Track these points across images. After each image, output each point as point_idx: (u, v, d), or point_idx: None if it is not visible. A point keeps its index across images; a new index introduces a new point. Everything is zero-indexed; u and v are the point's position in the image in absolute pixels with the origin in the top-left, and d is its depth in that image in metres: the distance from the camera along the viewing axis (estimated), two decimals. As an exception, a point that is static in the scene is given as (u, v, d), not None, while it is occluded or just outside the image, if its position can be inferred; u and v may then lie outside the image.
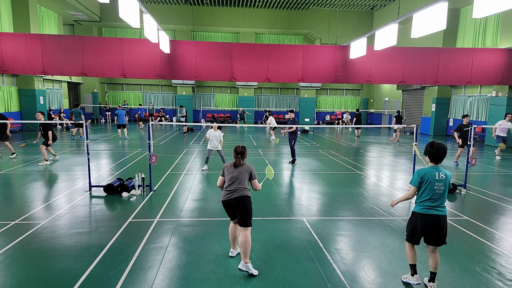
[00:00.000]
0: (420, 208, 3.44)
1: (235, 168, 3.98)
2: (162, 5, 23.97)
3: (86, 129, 6.79)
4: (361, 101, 29.56)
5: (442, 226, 3.41)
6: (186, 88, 27.35)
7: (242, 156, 4.03)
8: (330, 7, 24.63)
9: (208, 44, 15.30)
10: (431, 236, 3.44)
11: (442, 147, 3.42)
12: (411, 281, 3.58)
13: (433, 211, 3.39)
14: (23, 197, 6.59)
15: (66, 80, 23.43)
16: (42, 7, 19.42)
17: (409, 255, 3.60)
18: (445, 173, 3.43)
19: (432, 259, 3.51)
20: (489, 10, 6.43)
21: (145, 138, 16.07)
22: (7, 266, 3.87)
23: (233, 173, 3.96)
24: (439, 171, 3.42)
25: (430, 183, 3.38)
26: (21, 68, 13.33)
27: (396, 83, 15.49)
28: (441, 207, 3.41)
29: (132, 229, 5.00)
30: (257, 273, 3.74)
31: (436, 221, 3.38)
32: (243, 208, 3.87)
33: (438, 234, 3.42)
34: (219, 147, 9.11)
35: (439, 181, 3.38)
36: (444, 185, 3.39)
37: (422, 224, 3.42)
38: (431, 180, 3.38)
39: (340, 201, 6.62)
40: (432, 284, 3.50)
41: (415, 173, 3.50)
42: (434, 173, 3.40)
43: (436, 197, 3.38)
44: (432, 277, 3.52)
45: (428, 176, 3.40)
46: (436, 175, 3.39)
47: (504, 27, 15.35)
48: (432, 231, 3.41)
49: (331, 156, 11.73)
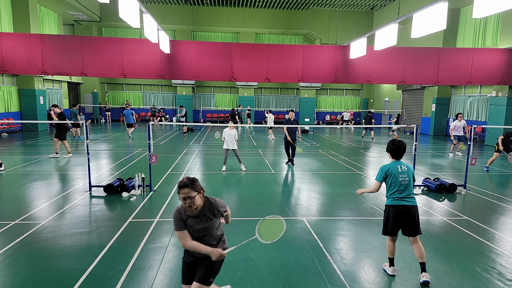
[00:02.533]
0: (390, 201, 3.72)
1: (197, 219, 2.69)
2: (162, 5, 23.97)
3: (86, 129, 6.79)
4: (361, 101, 29.56)
5: (413, 216, 3.64)
6: (186, 88, 27.35)
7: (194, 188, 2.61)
8: (330, 7, 24.63)
9: (208, 44, 15.31)
10: (404, 226, 3.67)
11: (402, 145, 3.76)
12: (388, 271, 3.83)
13: (402, 202, 3.65)
14: (23, 197, 6.59)
15: (66, 80, 23.42)
16: (42, 7, 19.41)
17: (388, 249, 3.83)
18: (406, 165, 3.75)
19: (415, 249, 3.68)
20: (489, 10, 6.42)
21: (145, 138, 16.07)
22: (7, 266, 3.87)
23: (198, 227, 2.69)
24: (401, 164, 3.75)
25: (393, 176, 3.69)
26: (21, 68, 13.33)
27: (396, 83, 15.49)
28: (409, 197, 3.68)
29: (132, 229, 5.00)
30: None
31: (405, 211, 3.63)
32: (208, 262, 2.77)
33: (410, 223, 3.65)
34: (235, 146, 8.90)
35: (402, 172, 3.70)
36: (408, 176, 3.70)
37: (393, 215, 3.66)
38: (394, 173, 3.69)
39: (340, 201, 6.62)
40: (425, 274, 3.60)
41: (379, 169, 3.81)
42: (396, 167, 3.73)
43: (402, 188, 3.67)
44: (422, 267, 3.64)
45: (391, 170, 3.72)
46: (398, 168, 3.71)
47: (504, 27, 15.35)
48: (404, 221, 3.66)
49: (331, 156, 11.73)
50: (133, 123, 16.74)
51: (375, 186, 3.80)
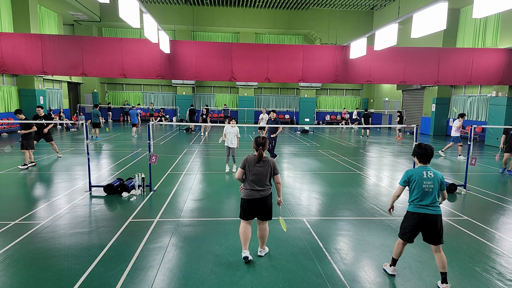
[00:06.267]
0: (412, 207, 3.55)
1: (258, 164, 3.86)
2: (162, 5, 23.97)
3: (86, 129, 6.79)
4: (361, 101, 29.56)
5: (435, 225, 3.44)
6: (186, 88, 27.35)
7: (264, 147, 3.90)
8: (330, 7, 24.63)
9: (208, 44, 15.30)
10: (426, 234, 3.52)
11: (430, 148, 3.55)
12: (388, 270, 3.79)
13: (424, 210, 3.46)
14: (23, 197, 6.59)
15: (66, 80, 23.43)
16: (42, 7, 19.42)
17: (396, 249, 3.74)
18: (433, 171, 3.52)
19: (437, 259, 3.52)
20: (489, 10, 6.42)
21: (145, 138, 16.07)
22: (7, 266, 3.87)
23: (257, 170, 3.85)
24: (427, 170, 3.52)
25: (417, 182, 3.49)
26: (21, 68, 13.32)
27: (396, 83, 15.49)
28: (433, 206, 3.46)
29: (132, 229, 5.00)
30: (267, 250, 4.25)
31: (427, 220, 3.45)
32: (267, 207, 3.89)
33: (431, 232, 3.47)
34: (235, 145, 8.78)
35: (428, 179, 3.48)
36: (434, 183, 3.46)
37: (414, 223, 3.51)
38: (418, 179, 3.49)
39: (340, 201, 6.61)
40: (446, 285, 3.46)
41: (404, 173, 3.64)
42: (421, 172, 3.51)
43: (425, 196, 3.46)
44: (443, 277, 3.49)
45: (415, 175, 3.52)
46: (424, 174, 3.50)
47: (504, 27, 15.35)
48: (425, 229, 3.49)
49: (331, 156, 11.73)
50: (137, 123, 17.04)
51: (398, 191, 3.68)
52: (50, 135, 10.46)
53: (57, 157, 10.46)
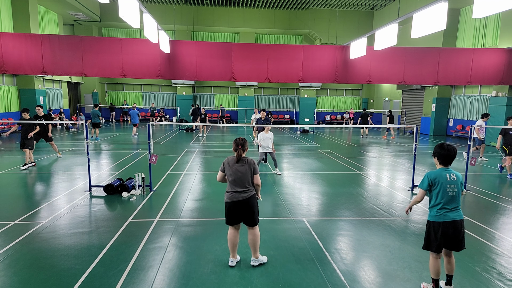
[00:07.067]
0: (436, 216, 3.29)
1: (238, 164, 3.82)
2: (162, 5, 23.97)
3: (86, 129, 6.79)
4: (361, 101, 29.56)
5: (460, 231, 3.26)
6: (186, 88, 27.35)
7: (243, 147, 3.86)
8: (330, 7, 24.62)
9: (208, 44, 15.31)
10: (449, 242, 3.29)
11: (453, 149, 3.31)
12: None
13: (449, 217, 3.24)
14: (23, 197, 6.59)
15: (66, 80, 23.43)
16: (42, 7, 19.42)
17: (432, 268, 3.37)
18: (456, 174, 3.30)
19: (447, 262, 3.43)
20: (489, 10, 6.42)
21: (145, 138, 16.08)
22: (7, 266, 3.87)
23: (237, 171, 3.79)
24: (450, 172, 3.30)
25: (441, 186, 3.25)
26: (21, 68, 13.32)
27: (396, 83, 15.49)
28: (457, 210, 3.27)
29: (132, 229, 5.00)
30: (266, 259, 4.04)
31: (453, 227, 3.24)
32: (251, 209, 3.79)
33: (456, 239, 3.27)
34: (271, 149, 8.76)
35: (451, 182, 3.25)
36: (457, 186, 3.26)
37: (440, 233, 3.26)
38: (443, 182, 3.25)
39: (340, 201, 6.62)
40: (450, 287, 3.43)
41: (424, 176, 3.36)
42: (444, 175, 3.27)
43: (450, 201, 3.25)
44: (448, 280, 3.45)
45: (439, 178, 3.26)
46: (447, 177, 3.26)
47: (504, 27, 15.35)
48: (451, 237, 3.26)
49: (331, 156, 11.73)
50: (137, 123, 17.11)
51: (419, 195, 3.40)
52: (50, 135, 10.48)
53: (57, 157, 10.47)
